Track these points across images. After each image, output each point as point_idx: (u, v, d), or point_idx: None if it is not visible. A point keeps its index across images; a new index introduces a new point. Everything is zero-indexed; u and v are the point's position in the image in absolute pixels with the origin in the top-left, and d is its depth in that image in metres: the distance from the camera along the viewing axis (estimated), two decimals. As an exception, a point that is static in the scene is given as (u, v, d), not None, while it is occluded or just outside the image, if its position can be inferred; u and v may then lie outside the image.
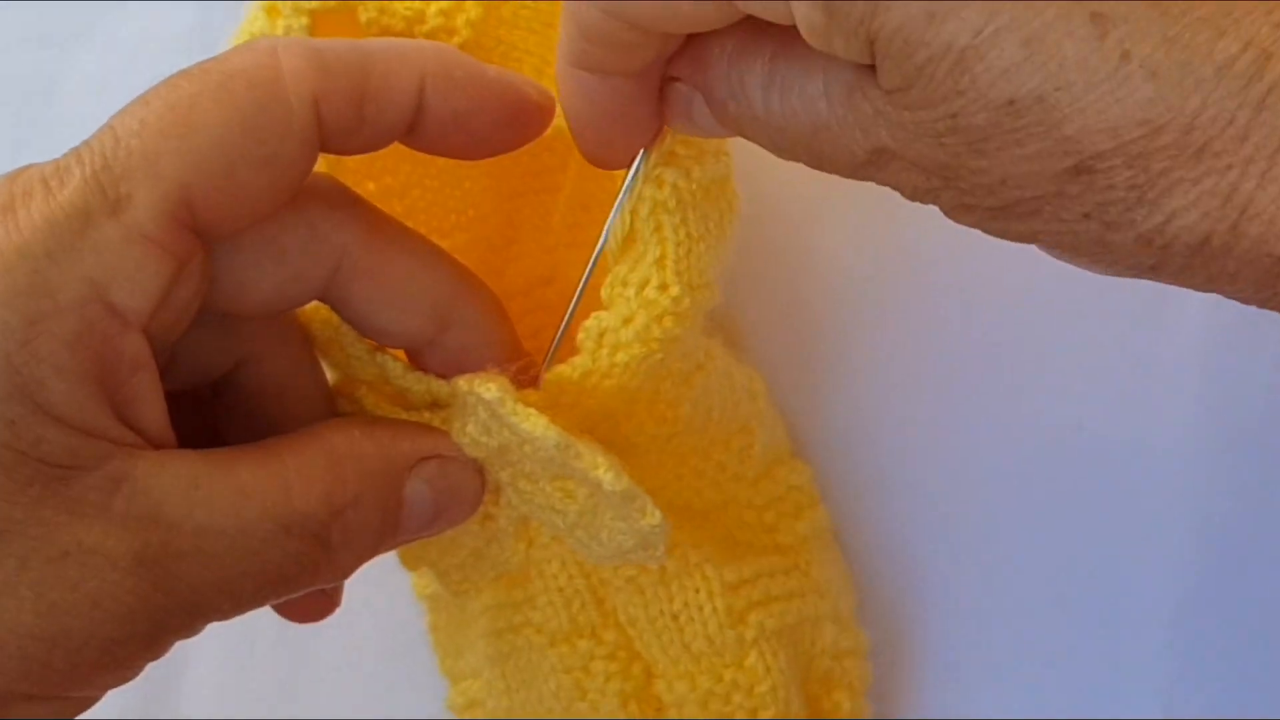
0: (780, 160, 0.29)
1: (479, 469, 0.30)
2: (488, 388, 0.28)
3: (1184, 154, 0.22)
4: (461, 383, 0.29)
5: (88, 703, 0.28)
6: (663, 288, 0.30)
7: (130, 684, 0.28)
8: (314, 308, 0.31)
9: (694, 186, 0.30)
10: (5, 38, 0.46)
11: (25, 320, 0.24)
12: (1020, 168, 0.24)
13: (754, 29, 0.27)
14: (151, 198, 0.25)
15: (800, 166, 0.28)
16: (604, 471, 0.28)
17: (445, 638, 0.39)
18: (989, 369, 0.40)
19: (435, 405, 0.31)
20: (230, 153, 0.26)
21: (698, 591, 0.35)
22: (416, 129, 0.28)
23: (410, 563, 0.35)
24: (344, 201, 0.29)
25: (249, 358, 0.30)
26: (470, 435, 0.29)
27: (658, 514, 0.29)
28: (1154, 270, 0.24)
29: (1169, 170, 0.23)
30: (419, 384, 0.31)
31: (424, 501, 0.29)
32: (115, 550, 0.25)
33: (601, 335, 0.30)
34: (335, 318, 0.31)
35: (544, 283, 0.39)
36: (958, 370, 0.40)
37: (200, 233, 0.26)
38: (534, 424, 0.28)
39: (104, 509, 0.25)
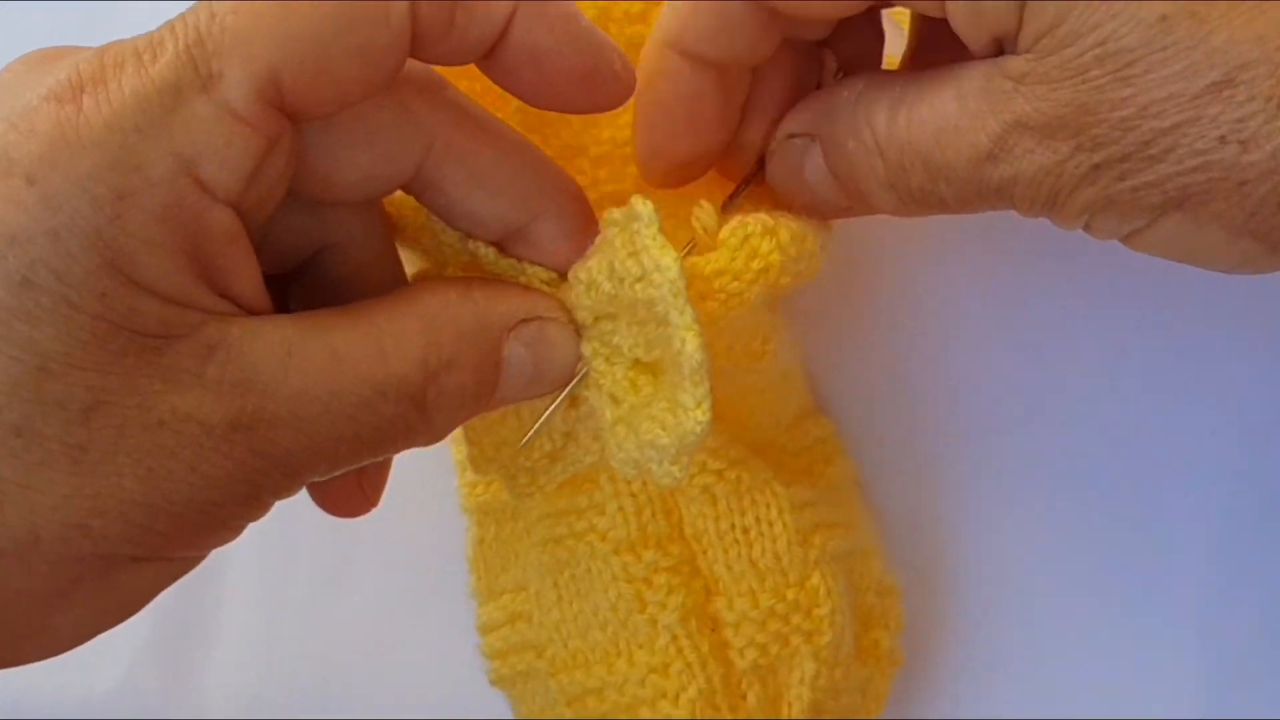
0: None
1: (575, 333, 0.30)
2: (644, 203, 0.28)
3: None
4: (613, 211, 0.29)
5: (193, 562, 0.28)
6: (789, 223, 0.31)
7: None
8: (402, 199, 0.31)
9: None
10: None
11: (114, 194, 0.24)
12: (1164, 90, 0.25)
13: (882, 75, 0.31)
14: (242, 76, 0.25)
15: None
16: (693, 336, 0.27)
17: (490, 552, 0.38)
18: (1007, 349, 0.41)
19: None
20: (324, 38, 0.25)
21: (769, 507, 0.34)
22: (495, 53, 0.28)
23: (482, 466, 0.34)
24: (436, 84, 0.29)
25: (332, 245, 0.30)
26: (590, 276, 0.29)
27: (709, 414, 0.28)
28: None
29: None
30: (512, 270, 0.30)
31: (523, 363, 0.29)
32: (210, 417, 0.25)
33: (746, 239, 0.30)
34: (424, 209, 0.30)
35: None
36: (977, 341, 0.41)
37: (289, 114, 0.26)
38: (666, 253, 0.27)
39: (198, 376, 0.25)
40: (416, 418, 0.27)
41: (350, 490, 0.31)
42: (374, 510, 0.32)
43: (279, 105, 0.25)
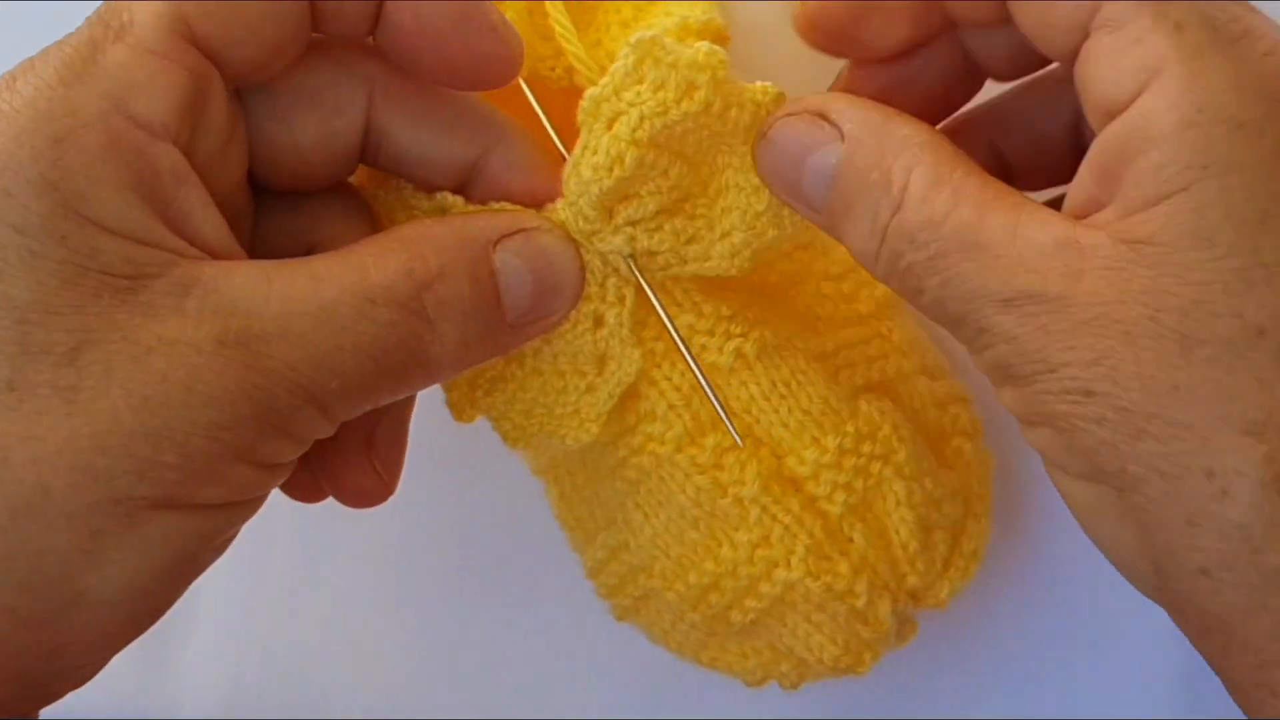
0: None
1: (572, 240, 0.31)
2: (637, 38, 0.29)
3: None
4: (591, 92, 0.30)
5: (225, 514, 0.27)
6: None
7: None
8: (369, 176, 0.32)
9: None
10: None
11: (51, 140, 0.25)
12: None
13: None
14: (149, 16, 0.27)
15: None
16: (760, 87, 0.29)
17: (572, 503, 0.39)
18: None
19: None
20: None
21: (796, 357, 0.35)
22: (382, 16, 0.29)
23: (516, 439, 0.35)
24: (363, 44, 0.30)
25: (318, 245, 0.30)
26: (607, 155, 0.30)
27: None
28: None
29: None
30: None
31: (518, 272, 0.30)
32: (196, 337, 0.26)
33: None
34: (389, 177, 0.32)
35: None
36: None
37: (206, 50, 0.27)
38: (696, 50, 0.29)
39: (178, 310, 0.26)
40: (419, 325, 0.28)
41: (362, 473, 0.32)
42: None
43: (192, 40, 0.27)
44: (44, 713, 0.27)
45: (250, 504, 0.29)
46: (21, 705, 0.27)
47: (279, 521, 0.42)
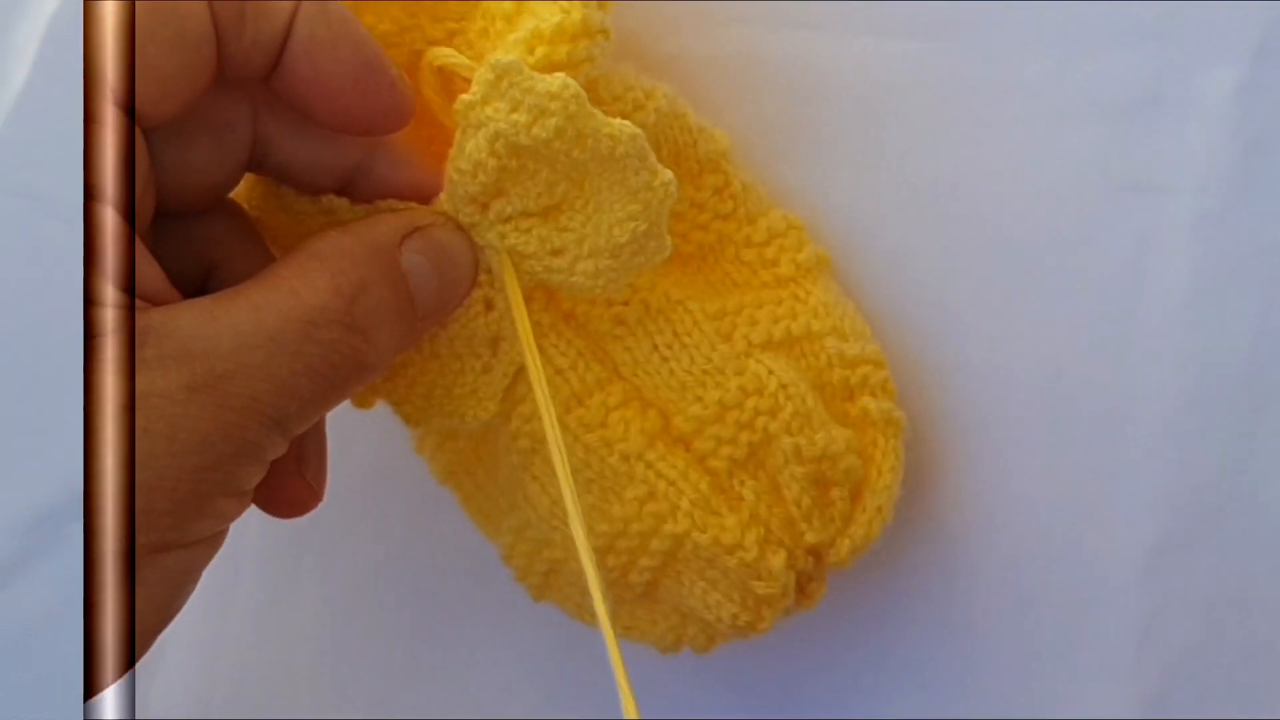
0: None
1: (464, 229, 0.33)
2: (504, 55, 0.30)
3: None
4: (463, 97, 0.31)
5: (214, 542, 0.29)
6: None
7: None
8: (251, 186, 0.34)
9: None
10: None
11: None
12: None
13: None
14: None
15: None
16: (620, 125, 0.30)
17: (479, 500, 0.40)
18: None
19: None
20: (140, 34, 0.28)
21: (683, 320, 0.36)
22: (280, 64, 0.30)
23: (418, 418, 0.36)
24: None
25: (217, 264, 0.33)
26: (472, 161, 0.31)
27: (669, 171, 0.31)
28: None
29: None
30: (369, 213, 0.33)
31: (424, 271, 0.32)
32: (167, 387, 0.27)
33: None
34: (273, 185, 0.34)
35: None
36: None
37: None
38: (553, 80, 0.30)
39: (140, 362, 0.27)
40: (358, 340, 0.30)
41: (294, 485, 0.33)
42: (320, 519, 0.34)
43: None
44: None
45: (227, 530, 0.30)
46: None
47: (248, 541, 0.43)
